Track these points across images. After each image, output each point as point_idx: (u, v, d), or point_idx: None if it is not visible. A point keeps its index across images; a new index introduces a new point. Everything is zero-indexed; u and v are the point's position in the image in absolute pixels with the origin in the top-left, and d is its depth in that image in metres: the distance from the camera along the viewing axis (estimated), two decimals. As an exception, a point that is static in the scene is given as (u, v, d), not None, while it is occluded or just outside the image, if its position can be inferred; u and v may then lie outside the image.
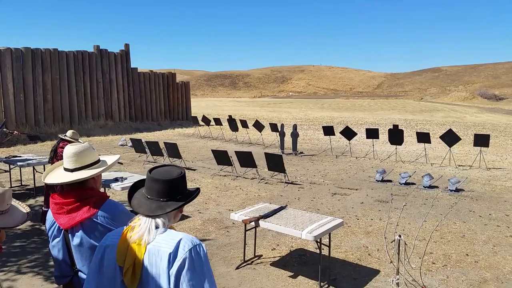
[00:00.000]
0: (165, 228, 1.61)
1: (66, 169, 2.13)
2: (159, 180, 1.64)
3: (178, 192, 1.66)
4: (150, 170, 1.70)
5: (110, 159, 2.28)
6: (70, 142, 5.57)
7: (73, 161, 2.11)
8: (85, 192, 2.09)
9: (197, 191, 1.76)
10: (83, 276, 2.10)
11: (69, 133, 5.73)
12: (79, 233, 2.04)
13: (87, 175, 2.10)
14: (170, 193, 1.64)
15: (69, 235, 2.07)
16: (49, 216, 2.15)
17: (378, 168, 9.70)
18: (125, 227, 1.68)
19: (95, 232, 2.04)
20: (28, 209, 2.18)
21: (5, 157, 8.43)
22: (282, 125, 13.64)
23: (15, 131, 7.79)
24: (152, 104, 23.55)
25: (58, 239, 2.11)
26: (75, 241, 2.05)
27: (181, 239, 1.54)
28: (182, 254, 1.51)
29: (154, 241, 1.55)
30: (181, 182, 1.68)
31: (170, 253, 1.51)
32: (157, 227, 1.59)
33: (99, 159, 2.21)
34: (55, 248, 2.13)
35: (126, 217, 2.14)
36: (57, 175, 2.16)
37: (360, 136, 15.78)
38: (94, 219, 2.03)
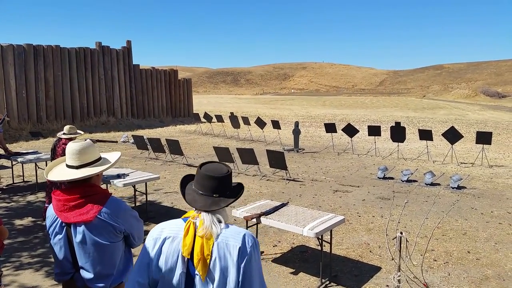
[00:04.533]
0: (227, 224, 1.68)
1: (69, 166, 2.12)
2: (212, 177, 1.70)
3: (228, 188, 1.73)
4: (200, 166, 1.75)
5: (111, 156, 2.28)
6: (70, 139, 5.52)
7: (77, 158, 2.10)
8: (89, 189, 2.09)
9: (241, 186, 1.82)
10: (85, 273, 2.10)
11: (66, 129, 5.51)
12: (82, 230, 2.04)
13: (94, 172, 2.10)
14: (222, 189, 1.70)
15: (72, 231, 2.06)
16: (50, 213, 2.14)
17: (380, 165, 9.68)
18: (181, 219, 1.72)
19: (98, 228, 2.04)
20: None
21: (8, 153, 8.45)
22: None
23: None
24: (154, 101, 23.55)
25: (60, 236, 2.10)
26: (78, 237, 2.05)
27: (245, 234, 1.65)
28: (249, 248, 1.62)
29: (221, 235, 1.63)
30: (230, 179, 1.76)
31: (239, 248, 1.61)
32: (220, 222, 1.66)
33: (100, 156, 2.22)
34: (57, 245, 2.12)
35: (128, 214, 2.15)
36: (61, 172, 2.14)
37: (362, 133, 15.76)
38: (98, 216, 2.03)
